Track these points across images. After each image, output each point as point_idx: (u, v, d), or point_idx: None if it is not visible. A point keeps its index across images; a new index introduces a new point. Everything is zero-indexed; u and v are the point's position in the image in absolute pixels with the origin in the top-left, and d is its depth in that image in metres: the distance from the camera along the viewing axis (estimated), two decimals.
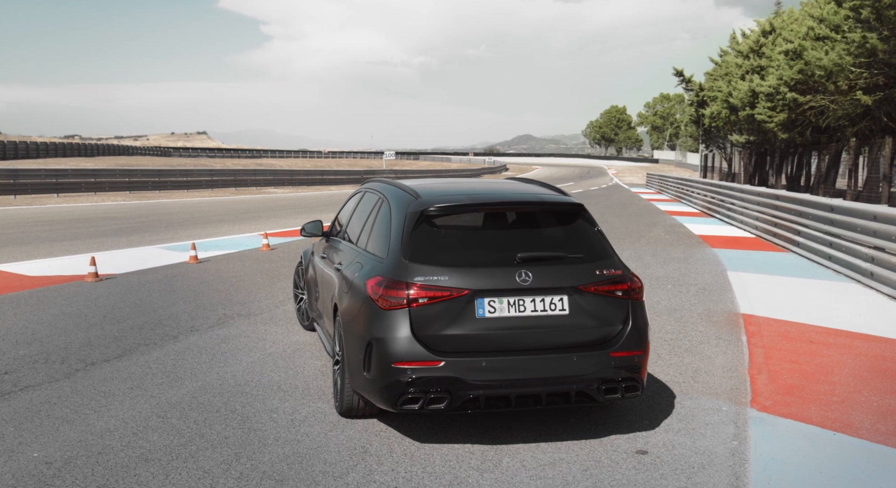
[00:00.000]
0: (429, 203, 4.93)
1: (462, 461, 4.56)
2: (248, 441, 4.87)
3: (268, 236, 15.78)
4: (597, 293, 4.76)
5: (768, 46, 36.06)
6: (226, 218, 24.41)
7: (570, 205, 5.05)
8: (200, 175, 47.62)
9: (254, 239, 17.20)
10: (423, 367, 4.54)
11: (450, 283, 4.60)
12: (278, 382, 6.12)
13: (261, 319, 8.51)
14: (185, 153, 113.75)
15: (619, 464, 4.50)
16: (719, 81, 44.45)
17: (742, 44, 39.46)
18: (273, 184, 50.26)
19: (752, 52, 37.61)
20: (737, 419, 5.27)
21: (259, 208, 29.74)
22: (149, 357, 6.89)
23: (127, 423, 5.18)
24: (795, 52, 28.65)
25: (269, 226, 20.31)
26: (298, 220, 23.04)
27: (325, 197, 39.90)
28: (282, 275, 11.83)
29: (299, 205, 32.29)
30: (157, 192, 42.07)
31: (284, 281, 11.23)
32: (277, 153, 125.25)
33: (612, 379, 4.71)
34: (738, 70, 37.99)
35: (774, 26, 36.83)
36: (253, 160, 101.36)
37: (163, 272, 12.12)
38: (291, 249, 15.21)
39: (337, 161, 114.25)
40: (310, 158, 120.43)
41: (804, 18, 32.95)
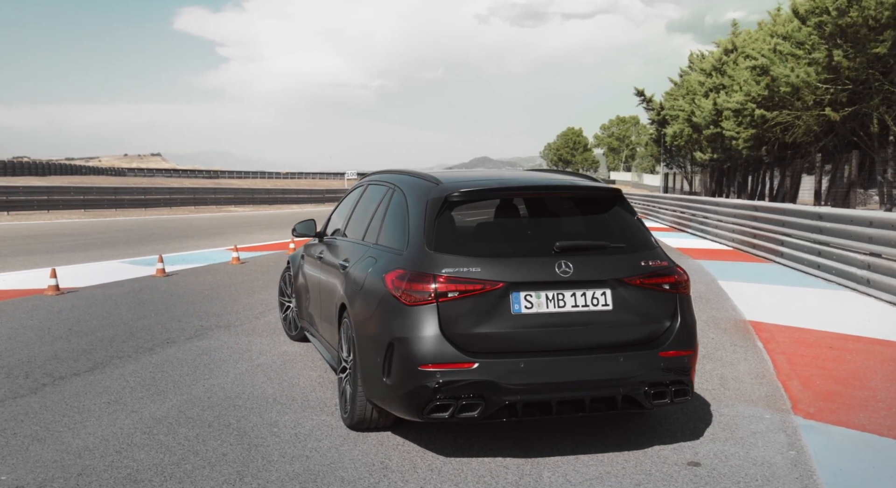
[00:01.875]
0: (452, 188, 4.42)
1: (497, 476, 4.03)
2: (249, 458, 4.28)
3: (238, 250, 15.09)
4: (642, 286, 4.28)
5: (730, 64, 36.36)
6: (188, 234, 23.59)
7: (606, 191, 4.58)
8: (159, 193, 46.49)
9: (221, 253, 16.50)
10: (454, 370, 4.01)
11: (482, 275, 4.09)
12: (273, 394, 5.54)
13: (242, 331, 7.90)
14: (140, 174, 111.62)
15: (674, 478, 4.01)
16: (680, 101, 44.78)
17: (705, 62, 39.78)
18: (233, 202, 49.27)
19: (714, 71, 37.90)
20: (784, 427, 4.83)
21: (222, 225, 28.92)
22: (124, 370, 6.25)
23: (108, 441, 4.56)
24: (762, 69, 28.82)
25: (234, 241, 19.57)
26: (265, 236, 22.36)
27: (287, 215, 39.15)
28: (257, 287, 11.20)
29: (263, 222, 31.55)
30: (113, 210, 40.89)
31: (261, 293, 10.62)
32: (235, 174, 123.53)
33: (660, 382, 4.23)
34: (701, 88, 38.24)
35: (736, 45, 37.17)
36: (211, 180, 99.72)
37: (129, 285, 11.42)
38: (262, 263, 14.58)
39: (296, 181, 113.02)
40: (268, 179, 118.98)
41: (765, 37, 33.31)
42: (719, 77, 37.12)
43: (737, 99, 30.80)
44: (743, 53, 34.77)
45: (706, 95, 37.27)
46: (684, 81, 45.98)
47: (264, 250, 17.30)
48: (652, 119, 57.15)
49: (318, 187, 78.57)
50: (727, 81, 35.01)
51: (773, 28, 33.17)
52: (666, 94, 53.35)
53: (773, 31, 32.86)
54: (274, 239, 21.07)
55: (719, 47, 40.91)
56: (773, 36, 30.66)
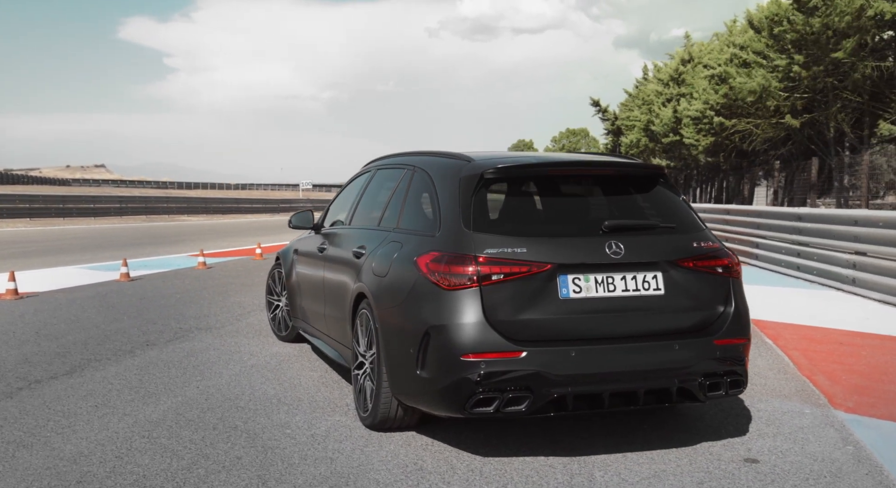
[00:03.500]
0: (487, 165, 4.08)
1: (545, 476, 3.69)
2: (268, 461, 3.87)
3: (204, 254, 14.52)
4: (695, 269, 3.98)
5: (688, 74, 36.74)
6: (145, 241, 22.82)
7: (650, 169, 4.28)
8: (109, 202, 45.21)
9: (184, 259, 15.87)
10: (501, 359, 3.66)
11: (528, 256, 3.75)
12: (275, 395, 5.12)
13: (225, 332, 7.44)
14: (86, 184, 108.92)
15: (736, 475, 3.71)
16: (636, 111, 45.15)
17: (662, 72, 40.15)
18: (187, 212, 48.18)
19: (672, 80, 38.26)
20: (829, 422, 4.57)
21: (179, 233, 28.10)
22: (105, 372, 5.76)
23: (104, 446, 4.10)
24: (720, 77, 29.11)
25: (195, 248, 18.91)
26: (227, 243, 21.73)
27: (244, 224, 38.37)
28: (230, 290, 10.70)
29: (221, 230, 30.78)
30: (60, 219, 39.58)
31: (236, 296, 10.13)
32: (185, 185, 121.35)
33: (714, 372, 3.93)
34: (659, 97, 38.56)
35: (692, 55, 37.59)
36: (161, 190, 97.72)
37: (93, 290, 10.81)
38: (230, 268, 14.03)
39: (248, 192, 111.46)
40: (220, 190, 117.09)
41: (722, 47, 33.72)
42: (677, 87, 37.47)
43: (696, 107, 31.06)
44: (700, 63, 35.14)
45: (665, 104, 37.57)
46: (640, 92, 46.40)
47: (230, 256, 16.73)
48: (607, 129, 57.58)
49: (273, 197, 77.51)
50: (686, 90, 35.34)
51: (730, 38, 33.60)
52: (621, 105, 53.81)
53: (729, 41, 33.29)
54: (237, 245, 20.45)
55: (674, 58, 41.35)
56: (730, 45, 31.02)
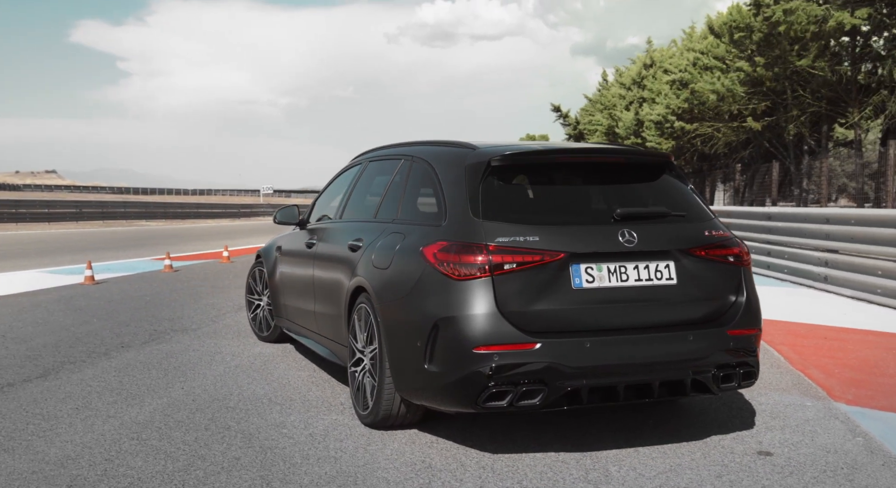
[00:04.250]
0: (493, 152, 3.96)
1: (559, 472, 3.57)
2: (268, 461, 3.70)
3: (171, 258, 14.18)
4: (707, 258, 3.90)
5: (650, 79, 37.09)
6: (105, 246, 22.30)
7: (658, 157, 4.20)
8: (64, 206, 44.18)
9: (149, 263, 15.50)
10: (514, 351, 3.53)
11: (541, 245, 3.63)
12: (265, 395, 4.94)
13: (203, 333, 7.21)
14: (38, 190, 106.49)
15: (753, 468, 3.63)
16: (597, 115, 45.47)
17: (624, 77, 40.50)
18: (145, 216, 47.30)
19: (634, 84, 38.59)
20: (833, 414, 4.52)
21: (139, 238, 27.53)
22: (82, 375, 5.52)
23: (91, 448, 3.89)
24: (682, 82, 29.41)
25: (158, 253, 18.51)
26: (191, 247, 21.32)
27: (206, 229, 37.78)
28: (202, 293, 10.43)
29: (183, 234, 30.24)
30: (13, 224, 38.59)
31: (209, 298, 9.87)
32: (140, 190, 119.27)
33: (727, 363, 3.85)
34: (622, 101, 38.88)
35: (654, 60, 37.96)
36: (117, 196, 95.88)
37: (57, 293, 10.46)
38: (198, 271, 13.72)
39: (206, 197, 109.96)
40: (177, 195, 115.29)
41: (682, 52, 34.12)
42: (639, 91, 37.79)
43: (658, 111, 31.35)
44: (662, 68, 35.49)
45: (627, 108, 37.88)
46: (601, 96, 46.74)
47: (197, 259, 16.39)
48: (568, 134, 57.99)
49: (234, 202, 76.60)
50: (648, 94, 35.67)
51: (690, 44, 34.01)
52: (582, 110, 54.19)
53: (689, 46, 33.70)
54: (201, 249, 20.06)
55: (636, 63, 41.72)
56: (690, 50, 31.39)
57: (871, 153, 27.75)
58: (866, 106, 24.08)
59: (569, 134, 58.05)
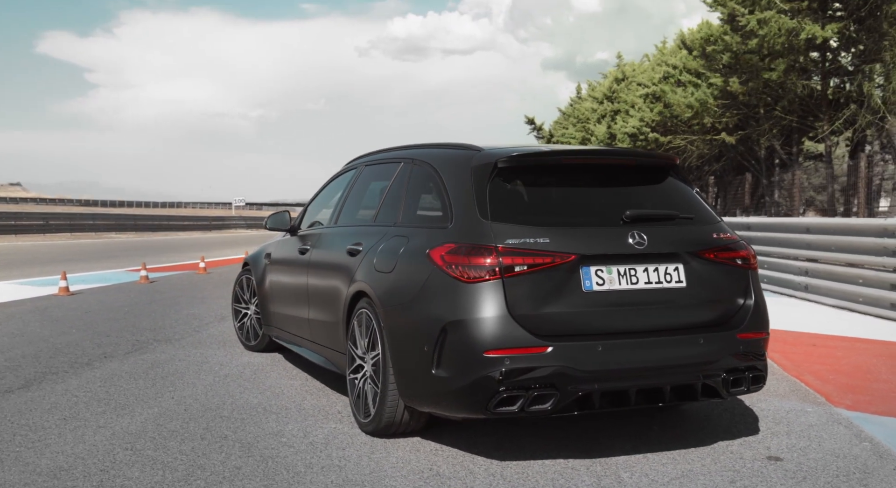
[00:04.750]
0: (499, 154, 3.90)
1: (571, 479, 3.50)
2: (271, 470, 3.59)
3: (147, 269, 13.94)
4: (716, 260, 3.87)
5: (622, 92, 37.41)
6: (78, 257, 21.92)
7: (663, 159, 4.16)
8: (31, 218, 43.40)
9: (123, 274, 15.23)
10: (526, 355, 3.46)
11: (552, 247, 3.57)
12: (259, 404, 4.81)
13: (187, 343, 7.05)
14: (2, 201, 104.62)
15: (764, 473, 3.59)
16: (570, 128, 45.76)
17: (597, 91, 40.80)
18: (115, 229, 46.62)
19: (606, 98, 38.89)
20: (837, 419, 4.50)
21: (110, 249, 27.10)
22: (66, 385, 5.35)
23: (84, 459, 3.75)
24: (654, 96, 29.70)
25: (131, 264, 18.22)
26: (163, 259, 21.01)
27: (179, 241, 37.32)
28: (181, 303, 10.25)
29: (155, 247, 29.81)
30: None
31: (189, 308, 9.69)
32: (108, 203, 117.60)
33: (736, 368, 3.81)
34: (595, 114, 39.15)
35: (626, 74, 38.30)
36: (86, 208, 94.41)
37: (31, 304, 10.22)
38: (175, 282, 13.51)
39: (177, 210, 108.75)
40: (146, 208, 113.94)
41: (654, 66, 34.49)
42: (611, 104, 38.08)
43: (632, 124, 31.60)
44: (634, 81, 35.82)
45: (600, 121, 38.15)
46: (574, 110, 47.04)
47: (172, 270, 16.15)
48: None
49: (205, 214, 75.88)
50: (621, 107, 35.96)
51: (662, 58, 34.38)
52: (555, 123, 54.52)
53: (661, 60, 34.06)
54: (174, 261, 19.78)
55: (608, 77, 42.06)
56: (663, 64, 31.72)
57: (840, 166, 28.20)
58: (836, 120, 24.46)
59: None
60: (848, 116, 23.94)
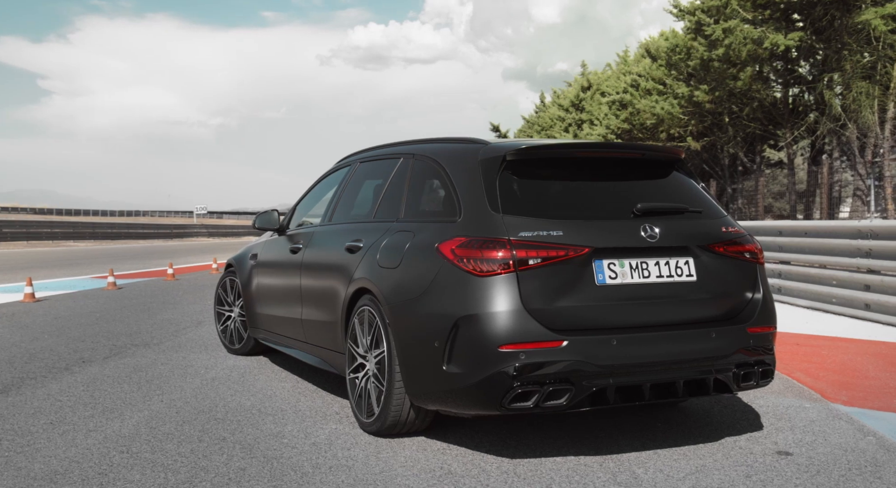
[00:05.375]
0: (508, 147, 3.85)
1: (586, 475, 3.44)
2: (277, 471, 3.48)
3: (115, 275, 13.63)
4: (726, 254, 3.85)
5: (588, 101, 37.73)
6: (38, 265, 21.39)
7: (671, 153, 4.13)
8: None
9: (89, 281, 14.90)
10: (541, 349, 3.40)
11: (565, 240, 3.52)
12: (252, 406, 4.69)
13: (166, 347, 6.87)
14: None
15: (777, 468, 3.57)
16: (535, 136, 46.05)
17: (563, 99, 41.09)
18: (73, 237, 45.70)
19: (572, 106, 39.19)
20: (836, 415, 4.51)
21: (70, 258, 26.52)
22: (47, 389, 5.17)
23: (79, 463, 3.61)
24: (621, 103, 29.98)
25: (93, 271, 17.84)
26: (128, 266, 20.62)
27: (141, 249, 36.67)
28: (153, 308, 10.02)
29: (117, 254, 29.25)
30: None
31: (163, 313, 9.48)
32: (64, 212, 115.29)
33: (745, 362, 3.79)
34: (562, 123, 39.41)
35: (591, 82, 38.64)
36: (41, 216, 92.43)
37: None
38: (144, 289, 13.22)
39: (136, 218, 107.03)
40: (103, 216, 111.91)
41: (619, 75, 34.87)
42: (577, 113, 38.38)
43: (598, 131, 31.86)
44: (599, 90, 36.14)
45: (566, 129, 38.41)
46: (539, 118, 47.33)
47: (140, 277, 15.83)
48: None
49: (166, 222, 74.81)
50: (587, 116, 36.25)
51: (625, 68, 34.76)
52: (518, 131, 54.80)
53: (625, 70, 34.44)
54: (139, 268, 19.41)
55: (573, 86, 42.39)
56: (627, 74, 32.06)
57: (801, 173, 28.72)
58: (798, 127, 24.91)
59: None
60: (809, 124, 24.39)
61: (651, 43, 29.44)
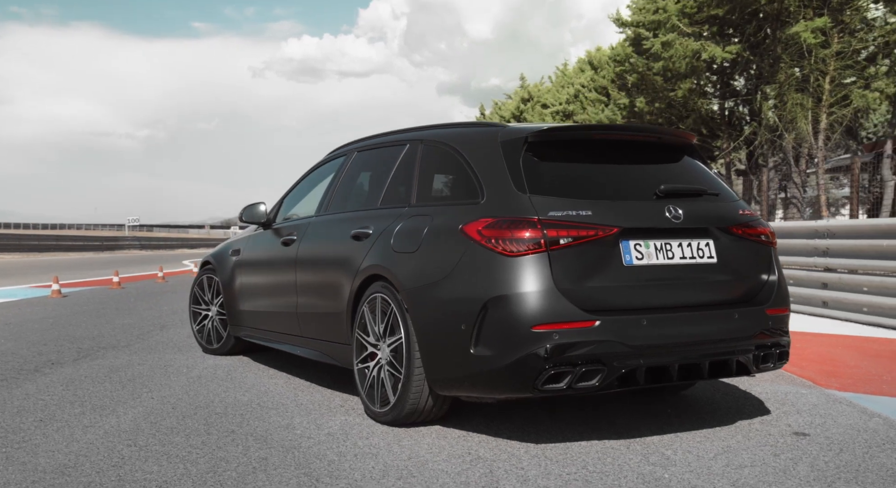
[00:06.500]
0: (528, 130, 3.82)
1: (618, 458, 3.41)
2: (302, 459, 3.35)
3: (60, 283, 13.11)
4: (744, 236, 3.88)
5: (528, 112, 38.13)
6: None
7: (685, 137, 4.15)
8: None
9: (29, 290, 14.30)
10: (574, 330, 3.36)
11: (595, 219, 3.50)
12: (250, 401, 4.53)
13: (138, 349, 6.62)
14: None
15: (801, 447, 3.59)
16: None
17: (504, 110, 41.44)
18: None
19: (513, 118, 39.54)
20: (835, 399, 4.59)
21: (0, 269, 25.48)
22: (24, 390, 4.92)
23: (86, 457, 3.42)
24: (564, 113, 30.38)
25: (27, 281, 17.16)
26: (66, 277, 19.90)
27: (73, 260, 35.49)
28: (107, 314, 9.66)
29: (48, 266, 28.22)
30: None
31: (121, 318, 9.16)
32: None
33: (763, 344, 3.82)
34: None
35: (532, 94, 39.09)
36: None
37: None
38: (92, 297, 12.76)
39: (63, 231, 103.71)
40: (26, 229, 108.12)
41: (560, 87, 35.38)
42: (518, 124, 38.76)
43: None
44: (540, 102, 36.57)
45: None
46: None
47: (83, 286, 15.30)
48: None
49: (96, 234, 72.69)
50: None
51: (566, 79, 35.29)
52: None
53: (566, 81, 34.95)
54: (79, 278, 18.75)
55: (513, 98, 42.81)
56: (570, 85, 32.56)
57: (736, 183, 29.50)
58: (735, 138, 25.60)
59: None
60: (747, 135, 25.10)
61: (593, 55, 29.99)
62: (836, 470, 3.25)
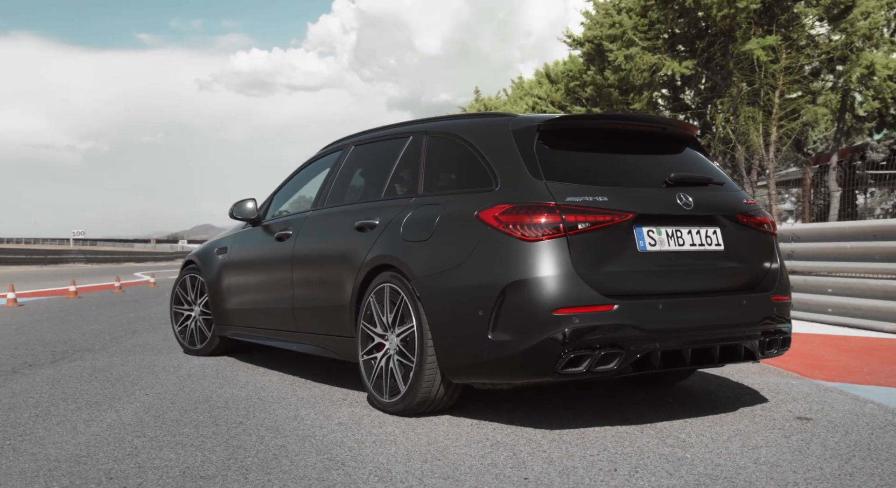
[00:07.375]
0: (539, 118, 3.87)
1: (635, 442, 3.44)
2: (322, 446, 3.32)
3: (16, 292, 12.75)
4: (748, 225, 3.97)
5: None
6: None
7: (689, 128, 4.25)
8: None
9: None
10: (593, 313, 3.39)
11: (610, 205, 3.54)
12: (249, 396, 4.47)
13: (117, 351, 6.47)
14: None
15: (809, 429, 3.67)
16: None
17: None
18: None
19: None
20: (826, 388, 4.69)
21: None
22: (10, 389, 4.78)
23: (97, 447, 3.34)
24: None
25: None
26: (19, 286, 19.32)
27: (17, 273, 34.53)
28: (72, 321, 9.42)
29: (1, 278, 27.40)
30: None
31: (88, 324, 8.94)
32: None
33: (768, 330, 3.90)
34: None
35: (487, 107, 39.33)
36: None
37: None
38: (50, 306, 12.43)
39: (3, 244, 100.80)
40: None
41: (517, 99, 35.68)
42: None
43: None
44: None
45: None
46: None
47: (40, 295, 14.89)
48: None
49: (38, 248, 70.82)
50: None
51: (522, 92, 35.62)
52: None
53: (522, 94, 35.27)
54: (32, 288, 18.24)
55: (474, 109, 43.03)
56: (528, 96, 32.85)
57: None
58: None
59: None
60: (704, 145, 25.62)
61: (550, 68, 30.31)
62: (848, 448, 3.33)
